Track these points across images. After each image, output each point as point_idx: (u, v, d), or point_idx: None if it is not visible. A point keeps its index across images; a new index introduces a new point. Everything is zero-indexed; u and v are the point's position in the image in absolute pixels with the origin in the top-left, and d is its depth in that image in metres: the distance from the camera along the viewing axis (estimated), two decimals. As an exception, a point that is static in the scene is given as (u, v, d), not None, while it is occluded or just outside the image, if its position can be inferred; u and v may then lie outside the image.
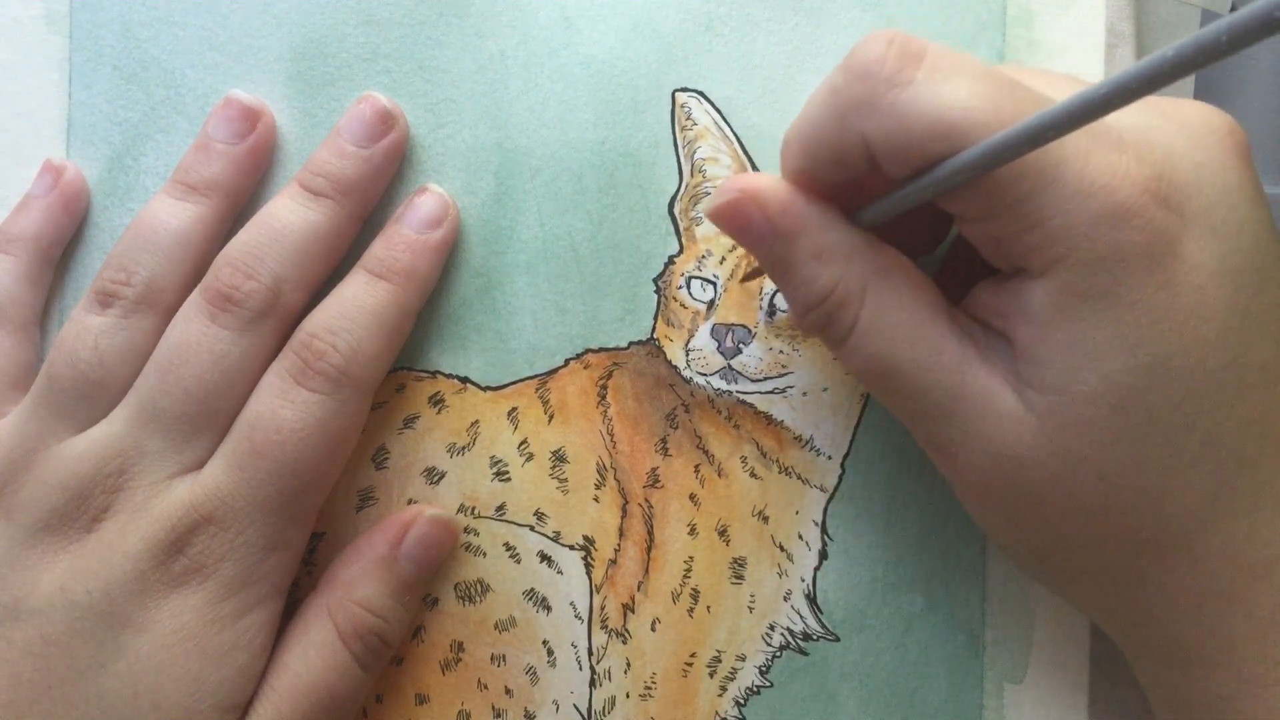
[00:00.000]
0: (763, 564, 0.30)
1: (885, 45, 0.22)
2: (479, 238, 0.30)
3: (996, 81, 0.22)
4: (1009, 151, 0.20)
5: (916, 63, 0.22)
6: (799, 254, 0.24)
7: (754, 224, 0.24)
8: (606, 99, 0.30)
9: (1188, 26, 0.31)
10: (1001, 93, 0.21)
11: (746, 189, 0.24)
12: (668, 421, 0.30)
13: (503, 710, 0.30)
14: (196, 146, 0.29)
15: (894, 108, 0.21)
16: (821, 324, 0.25)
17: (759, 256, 0.25)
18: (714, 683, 0.30)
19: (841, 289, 0.24)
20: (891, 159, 0.22)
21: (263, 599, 0.27)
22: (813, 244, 0.24)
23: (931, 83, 0.21)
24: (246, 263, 0.27)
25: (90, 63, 0.31)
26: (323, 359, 0.27)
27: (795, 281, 0.24)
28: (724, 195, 0.25)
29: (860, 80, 0.22)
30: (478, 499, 0.30)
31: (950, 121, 0.21)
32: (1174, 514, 0.23)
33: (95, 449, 0.27)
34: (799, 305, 0.25)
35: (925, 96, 0.21)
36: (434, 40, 0.30)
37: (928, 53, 0.22)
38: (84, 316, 0.28)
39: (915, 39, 0.22)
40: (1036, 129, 0.19)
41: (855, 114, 0.22)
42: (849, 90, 0.22)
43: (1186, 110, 0.24)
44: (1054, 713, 0.30)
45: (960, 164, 0.21)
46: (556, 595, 0.30)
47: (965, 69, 0.22)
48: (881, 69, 0.22)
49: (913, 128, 0.21)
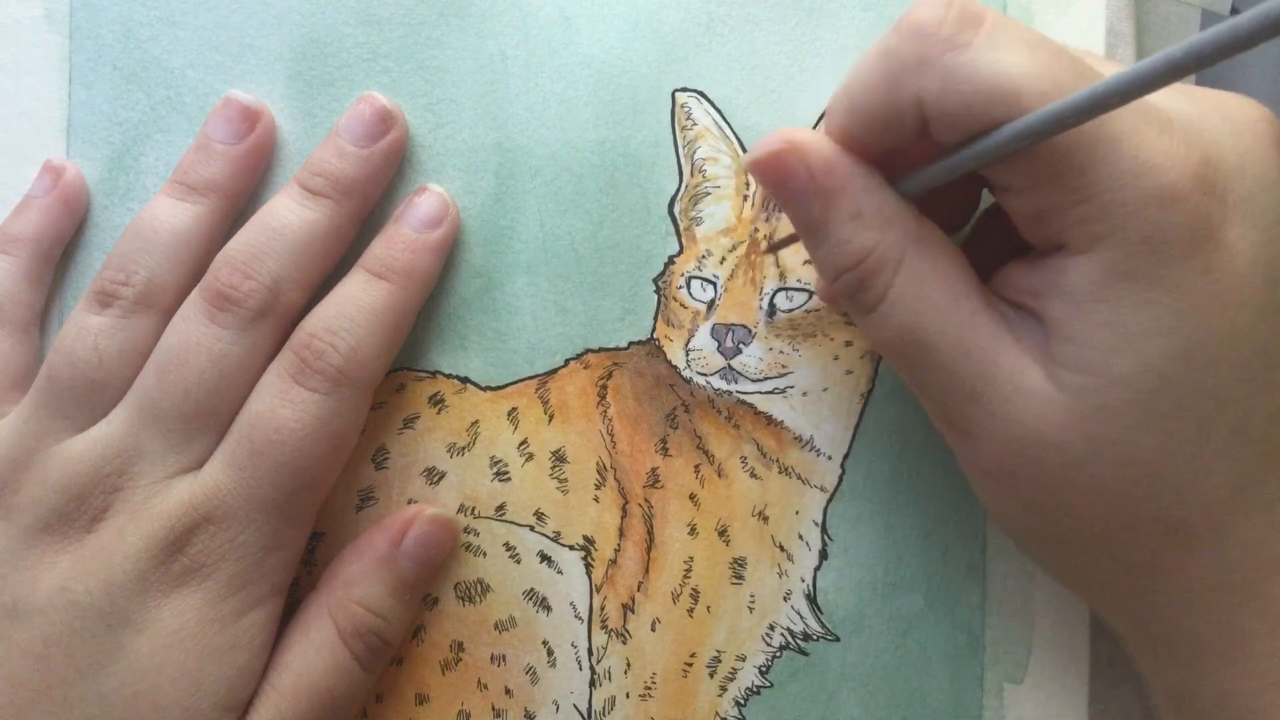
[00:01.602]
0: (763, 564, 0.30)
1: (945, 7, 0.22)
2: (479, 237, 0.30)
3: (1054, 51, 0.22)
4: (1070, 119, 0.20)
5: (976, 26, 0.22)
6: (837, 213, 0.24)
7: (795, 177, 0.24)
8: (606, 99, 0.30)
9: (1188, 26, 0.31)
10: (1060, 62, 0.21)
11: (791, 140, 0.24)
12: (668, 421, 0.30)
13: (503, 710, 0.30)
14: (196, 147, 0.29)
15: (952, 69, 0.21)
16: (852, 289, 0.24)
17: (794, 212, 0.25)
18: (714, 683, 0.30)
19: (879, 254, 0.24)
20: (944, 122, 0.22)
21: (263, 598, 0.27)
22: (853, 204, 0.24)
23: (991, 47, 0.21)
24: (246, 262, 0.27)
25: (90, 63, 0.31)
26: (322, 358, 0.27)
27: (831, 242, 0.24)
28: (767, 146, 0.24)
29: (918, 39, 0.22)
30: (478, 499, 0.30)
31: (1009, 87, 0.21)
32: (1197, 504, 0.23)
33: (95, 449, 0.27)
34: (831, 267, 0.24)
35: (985, 60, 0.21)
36: (434, 40, 0.30)
37: (987, 17, 0.22)
38: (83, 316, 0.28)
39: (975, 2, 0.22)
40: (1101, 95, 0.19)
41: (910, 74, 0.22)
42: (904, 50, 0.22)
43: (1228, 101, 0.24)
44: (1054, 713, 0.30)
45: (1019, 130, 0.21)
46: (556, 595, 0.30)
47: (1025, 37, 0.22)
48: (940, 29, 0.22)
49: (970, 90, 0.21)
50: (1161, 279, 0.21)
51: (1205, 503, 0.23)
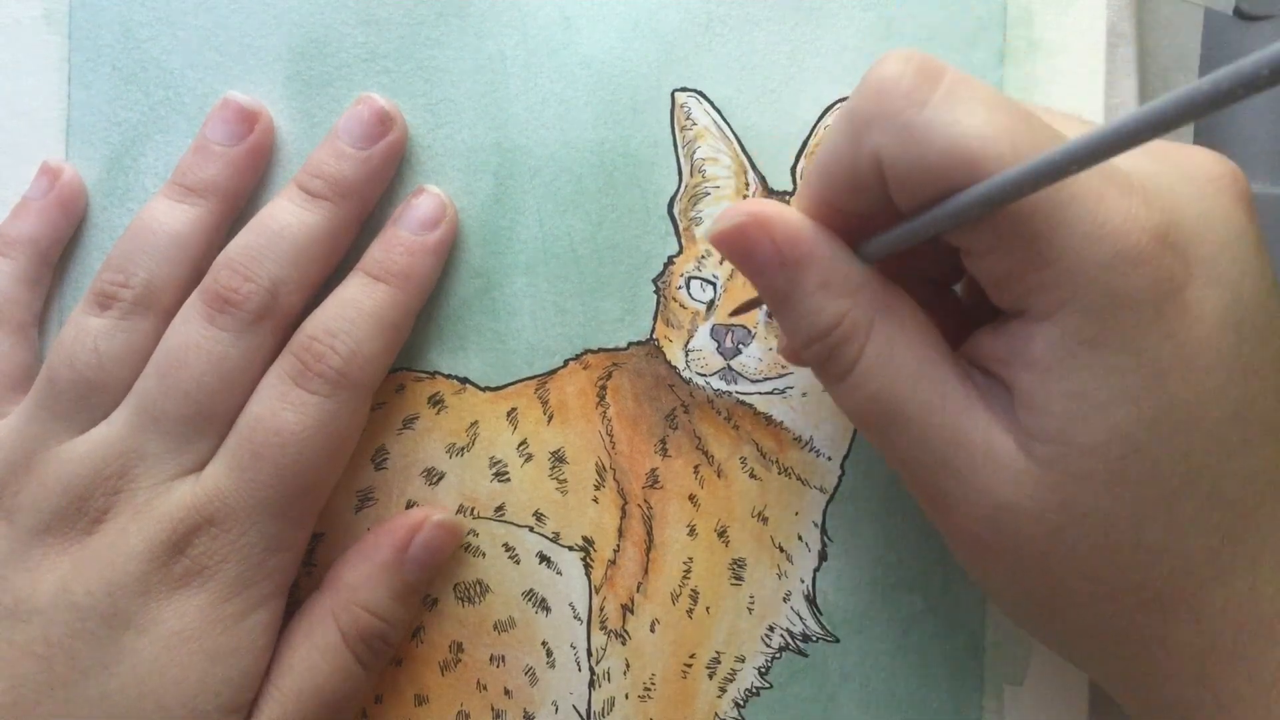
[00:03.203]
0: (762, 565, 0.30)
1: (903, 63, 0.21)
2: (478, 238, 0.30)
3: (1013, 112, 0.21)
4: (1029, 185, 0.19)
5: (934, 84, 0.21)
6: (805, 284, 0.23)
7: (760, 251, 0.23)
8: (606, 99, 0.30)
9: (1190, 26, 0.31)
10: (1018, 124, 0.21)
11: (754, 213, 0.23)
12: (667, 422, 0.30)
13: (502, 711, 0.30)
14: (195, 148, 0.29)
15: (908, 128, 0.21)
16: (822, 358, 0.24)
17: (761, 285, 0.24)
18: (713, 684, 0.30)
19: (848, 322, 0.23)
20: (902, 183, 0.22)
21: (264, 599, 0.27)
22: (820, 274, 0.23)
23: (948, 106, 0.21)
24: (245, 264, 0.27)
25: (90, 63, 0.31)
26: (322, 361, 0.27)
27: (800, 312, 0.24)
28: (729, 220, 0.24)
29: (875, 96, 0.21)
30: (477, 500, 0.30)
31: (965, 149, 0.20)
32: (1176, 570, 0.22)
33: (96, 451, 0.27)
34: (801, 337, 0.24)
35: (941, 120, 0.21)
36: (433, 40, 0.30)
37: (946, 75, 0.21)
38: (83, 318, 0.28)
39: (935, 59, 0.21)
40: (1059, 162, 0.19)
41: (869, 131, 0.22)
42: (863, 107, 0.22)
43: (1192, 157, 0.23)
44: (1054, 714, 0.30)
45: (974, 196, 0.20)
46: (556, 596, 0.30)
47: (983, 97, 0.21)
48: (898, 86, 0.21)
49: (926, 151, 0.21)
50: (1125, 344, 0.21)
51: (1184, 568, 0.22)
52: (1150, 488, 0.21)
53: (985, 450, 0.22)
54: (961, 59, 0.30)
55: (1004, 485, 0.22)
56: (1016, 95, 0.30)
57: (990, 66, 0.30)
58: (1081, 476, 0.21)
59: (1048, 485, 0.22)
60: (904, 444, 0.23)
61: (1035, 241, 0.21)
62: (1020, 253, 0.21)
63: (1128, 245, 0.20)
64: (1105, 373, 0.21)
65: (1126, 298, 0.21)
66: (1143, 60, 0.30)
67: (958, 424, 0.23)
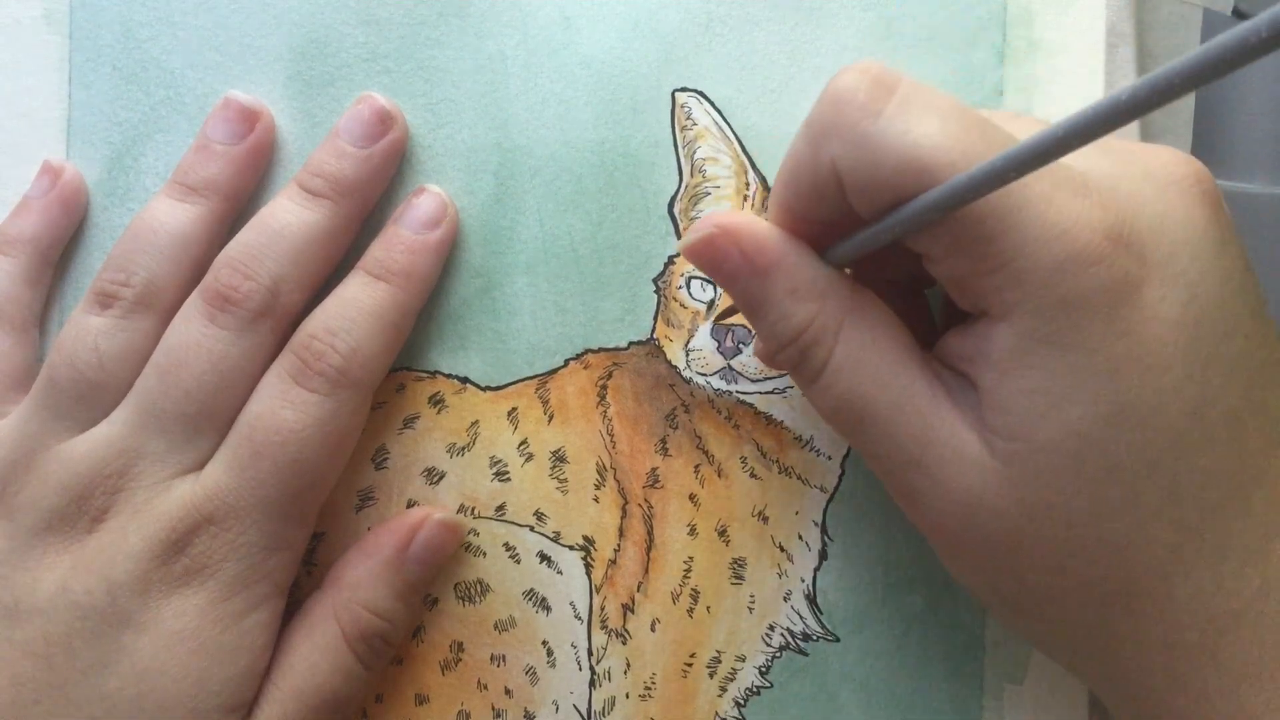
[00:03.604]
0: (763, 564, 0.30)
1: (859, 74, 0.22)
2: (478, 238, 0.30)
3: (967, 120, 0.22)
4: (972, 191, 0.20)
5: (888, 95, 0.22)
6: (774, 290, 0.24)
7: (729, 260, 0.24)
8: (606, 99, 0.30)
9: (1189, 26, 0.31)
10: (970, 132, 0.21)
11: (722, 224, 0.24)
12: (668, 422, 0.30)
13: (502, 710, 0.30)
14: (195, 148, 0.29)
15: (863, 138, 0.21)
16: (795, 361, 0.25)
17: (733, 293, 0.25)
18: (714, 683, 0.30)
19: (817, 325, 0.24)
20: (859, 191, 0.22)
21: (265, 598, 0.27)
22: (788, 280, 0.24)
23: (901, 116, 0.21)
24: (245, 263, 0.27)
25: (90, 63, 0.31)
26: (322, 359, 0.27)
27: (770, 318, 0.24)
28: (699, 232, 0.24)
29: (832, 107, 0.22)
30: (477, 499, 0.30)
31: (917, 158, 0.21)
32: (1138, 564, 0.22)
33: (96, 450, 0.27)
34: (773, 341, 0.25)
35: (894, 129, 0.21)
36: (434, 40, 0.30)
37: (900, 86, 0.22)
38: (83, 317, 0.28)
39: (891, 71, 0.22)
40: (999, 168, 0.19)
41: (827, 141, 0.22)
42: (822, 117, 0.22)
43: (1154, 157, 0.24)
44: (1054, 713, 0.30)
45: (925, 203, 0.21)
46: (556, 595, 0.30)
47: (937, 106, 0.22)
48: (854, 97, 0.22)
49: (879, 160, 0.21)
50: (1081, 343, 0.21)
51: (1146, 563, 0.22)
52: (1109, 483, 0.22)
53: (952, 447, 0.23)
54: (961, 59, 0.30)
55: (970, 482, 0.23)
56: (1016, 95, 0.30)
57: (990, 66, 0.30)
58: (1041, 472, 0.22)
59: (1010, 481, 0.22)
60: (875, 443, 0.24)
61: (988, 245, 0.21)
62: (975, 256, 0.22)
63: (1079, 246, 0.21)
64: (1061, 371, 0.21)
65: (1079, 297, 0.21)
66: (1142, 60, 0.30)
67: (925, 422, 0.23)
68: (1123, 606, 0.23)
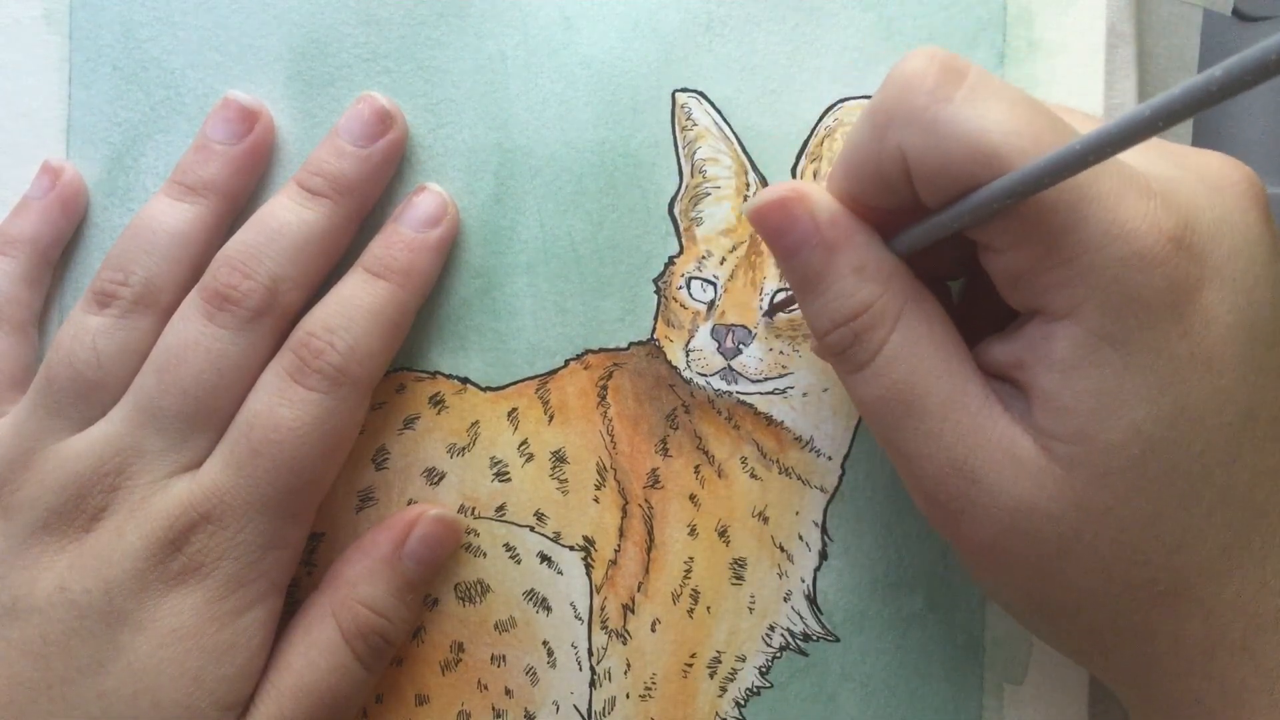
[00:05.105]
0: (763, 564, 0.30)
1: (928, 60, 0.22)
2: (479, 238, 0.30)
3: (1035, 109, 0.22)
4: (1050, 176, 0.20)
5: (958, 81, 0.21)
6: (839, 265, 0.24)
7: (800, 227, 0.24)
8: (606, 99, 0.30)
9: (1189, 26, 0.31)
10: (1040, 120, 0.21)
11: (799, 189, 0.24)
12: (668, 422, 0.30)
13: (503, 711, 0.30)
14: (195, 147, 0.29)
15: (933, 123, 0.21)
16: (845, 343, 0.24)
17: (793, 263, 0.24)
18: (714, 683, 0.30)
19: (877, 308, 0.23)
20: (927, 178, 0.22)
21: (262, 597, 0.27)
22: (857, 257, 0.24)
23: (972, 103, 0.21)
24: (244, 262, 0.27)
25: (90, 63, 0.31)
26: (320, 357, 0.27)
27: (829, 295, 0.24)
28: (773, 194, 0.24)
29: (900, 93, 0.22)
30: (478, 499, 0.30)
31: (989, 144, 0.21)
32: (1189, 565, 0.22)
33: (94, 448, 0.27)
34: (826, 319, 0.24)
35: (965, 115, 0.21)
36: (434, 40, 0.30)
37: (970, 72, 0.22)
38: (82, 316, 0.28)
39: (959, 58, 0.22)
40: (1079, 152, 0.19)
41: (894, 127, 0.22)
42: (888, 103, 0.22)
43: (1208, 161, 0.24)
44: (1054, 713, 0.30)
45: (998, 189, 0.21)
46: (556, 596, 0.30)
47: (1005, 94, 0.21)
48: (923, 83, 0.21)
49: (950, 146, 0.21)
50: (1143, 343, 0.21)
51: (1197, 563, 0.22)
52: (1167, 485, 0.22)
53: (1004, 449, 0.23)
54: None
55: (1023, 486, 0.22)
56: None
57: (990, 67, 0.30)
58: (1103, 475, 0.22)
59: (1068, 485, 0.22)
60: (917, 440, 0.23)
61: (1055, 238, 0.21)
62: (1040, 249, 0.21)
63: (1145, 246, 0.21)
64: (1126, 371, 0.21)
65: (1144, 297, 0.21)
66: (1142, 61, 0.30)
67: (975, 422, 0.23)
68: (1168, 607, 0.23)
